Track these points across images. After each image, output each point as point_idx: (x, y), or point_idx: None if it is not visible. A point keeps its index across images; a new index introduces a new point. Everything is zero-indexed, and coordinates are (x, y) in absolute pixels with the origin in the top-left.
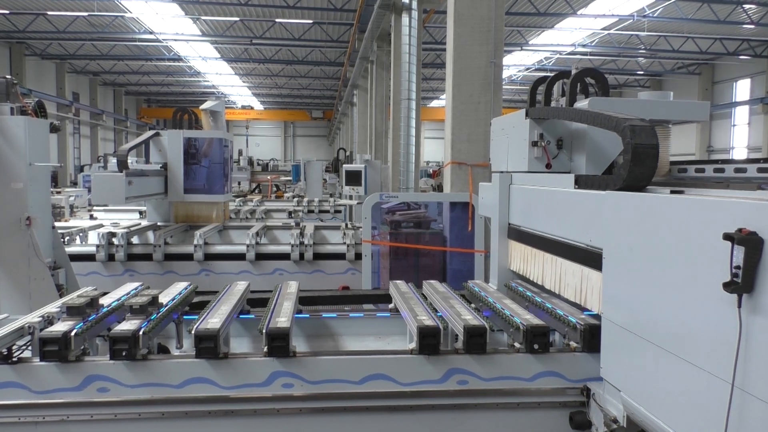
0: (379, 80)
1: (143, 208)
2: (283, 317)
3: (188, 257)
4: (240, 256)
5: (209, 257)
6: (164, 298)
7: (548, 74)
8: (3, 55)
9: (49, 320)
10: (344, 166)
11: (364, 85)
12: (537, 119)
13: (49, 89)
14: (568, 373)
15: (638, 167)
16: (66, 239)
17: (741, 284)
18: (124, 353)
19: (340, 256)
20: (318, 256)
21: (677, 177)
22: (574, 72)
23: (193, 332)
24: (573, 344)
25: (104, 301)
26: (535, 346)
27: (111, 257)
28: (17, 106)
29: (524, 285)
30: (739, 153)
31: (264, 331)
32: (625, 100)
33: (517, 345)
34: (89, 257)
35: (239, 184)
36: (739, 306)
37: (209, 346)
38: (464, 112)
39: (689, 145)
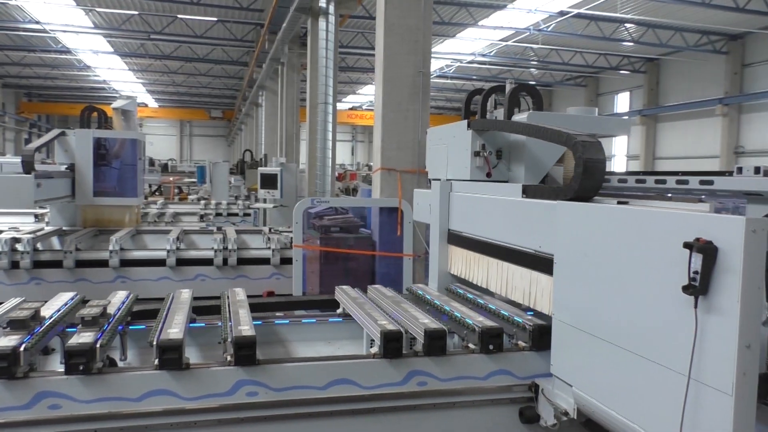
0: (290, 83)
1: (40, 211)
2: (245, 325)
3: (102, 264)
4: (160, 262)
5: (125, 263)
6: (110, 309)
7: (482, 86)
8: None
9: None
10: (259, 169)
11: (272, 87)
12: (478, 130)
13: None
14: (518, 371)
15: (588, 180)
16: None
17: (698, 287)
18: (81, 367)
19: (265, 261)
20: (242, 261)
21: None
22: (509, 87)
23: (155, 343)
24: (521, 343)
25: (45, 312)
26: (491, 347)
27: (15, 264)
28: None
29: (464, 288)
30: (619, 160)
31: (229, 340)
32: (559, 114)
33: (471, 346)
34: None
35: (149, 186)
36: (696, 306)
37: (173, 357)
38: (394, 120)
39: None
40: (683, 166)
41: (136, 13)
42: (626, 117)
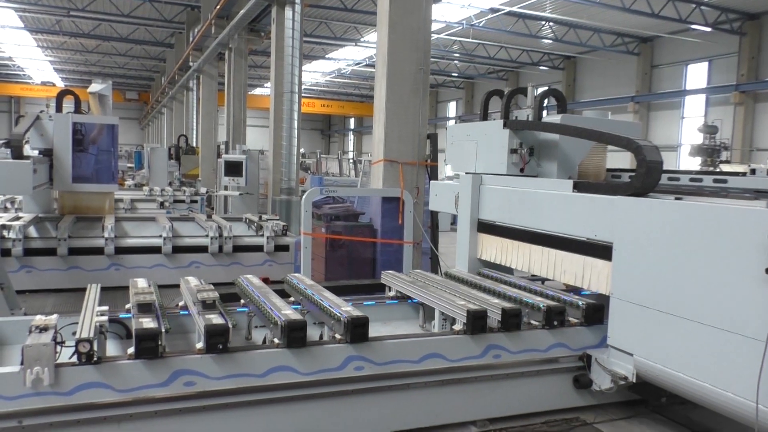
0: (237, 69)
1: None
2: (346, 306)
3: (96, 251)
4: (155, 249)
5: (119, 251)
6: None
7: (500, 88)
8: None
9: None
10: (224, 156)
11: (210, 72)
12: (514, 130)
13: None
14: (572, 344)
15: (650, 178)
16: None
17: None
18: (220, 346)
19: (258, 248)
20: (237, 249)
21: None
22: (531, 90)
23: (282, 324)
24: (572, 320)
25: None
26: (555, 323)
27: (5, 252)
28: None
29: (496, 272)
30: None
31: (342, 319)
32: (583, 117)
33: (534, 322)
34: None
35: None
36: None
37: (299, 336)
38: (396, 113)
39: None
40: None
41: None
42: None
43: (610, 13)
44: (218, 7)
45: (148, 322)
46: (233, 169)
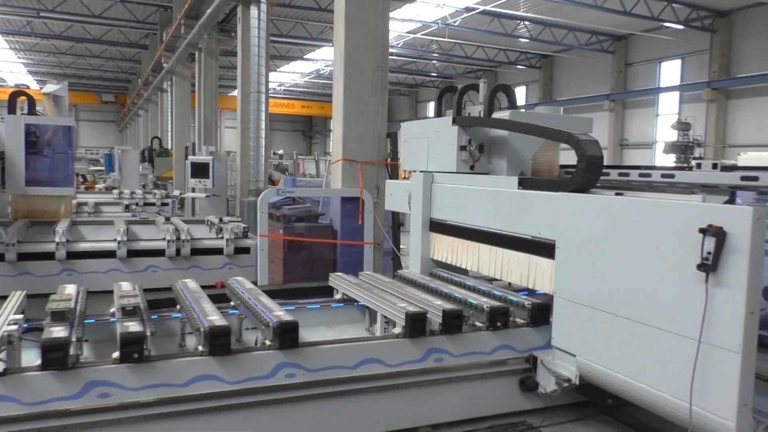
0: (208, 69)
1: None
2: (278, 311)
3: (47, 256)
4: (109, 254)
5: (72, 256)
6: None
7: (455, 84)
8: None
9: None
10: (190, 158)
11: (182, 72)
12: (463, 126)
13: None
14: (518, 345)
15: (590, 174)
16: None
17: (710, 265)
18: (135, 355)
19: (217, 251)
20: (195, 252)
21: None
22: (483, 86)
23: (204, 330)
24: (519, 320)
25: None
26: (499, 324)
27: None
28: None
29: (447, 272)
30: None
31: (271, 324)
32: (534, 113)
33: (478, 324)
34: None
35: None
36: (707, 281)
37: (223, 343)
38: (355, 112)
39: None
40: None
41: None
42: (588, 117)
43: (585, 11)
44: (186, 6)
45: (58, 331)
46: (200, 170)
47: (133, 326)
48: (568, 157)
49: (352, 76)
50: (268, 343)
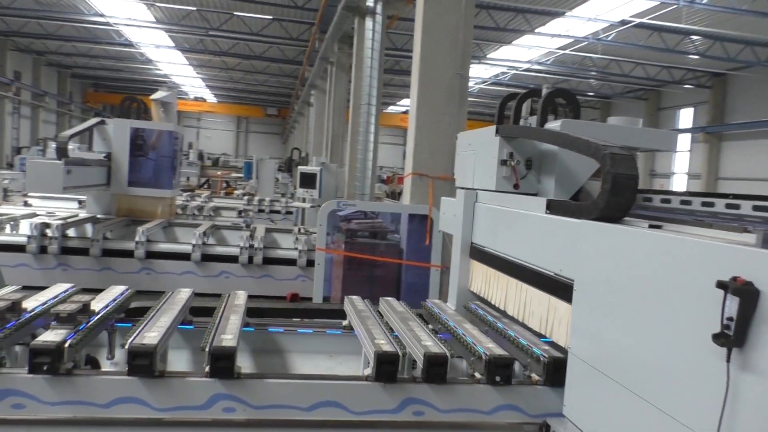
0: (338, 82)
1: (83, 197)
2: (228, 334)
3: (128, 254)
4: (185, 256)
5: (151, 255)
6: (98, 304)
7: (518, 91)
8: None
9: None
10: (299, 168)
11: (322, 86)
12: (507, 137)
13: None
14: (528, 408)
15: (617, 197)
16: None
17: (732, 337)
18: (45, 367)
19: (291, 262)
20: (268, 261)
21: (642, 206)
22: (545, 91)
23: (126, 347)
24: (535, 377)
25: (29, 304)
26: (497, 378)
27: (43, 249)
28: None
29: (484, 308)
30: (680, 179)
31: (207, 349)
32: (596, 124)
33: (477, 375)
34: (19, 248)
35: (188, 179)
36: (728, 360)
37: (143, 364)
38: (428, 123)
39: None
40: (747, 189)
41: (195, 9)
42: (674, 131)
43: (764, 22)
44: (317, 21)
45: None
46: (307, 180)
47: (54, 336)
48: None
49: (427, 83)
50: (206, 369)
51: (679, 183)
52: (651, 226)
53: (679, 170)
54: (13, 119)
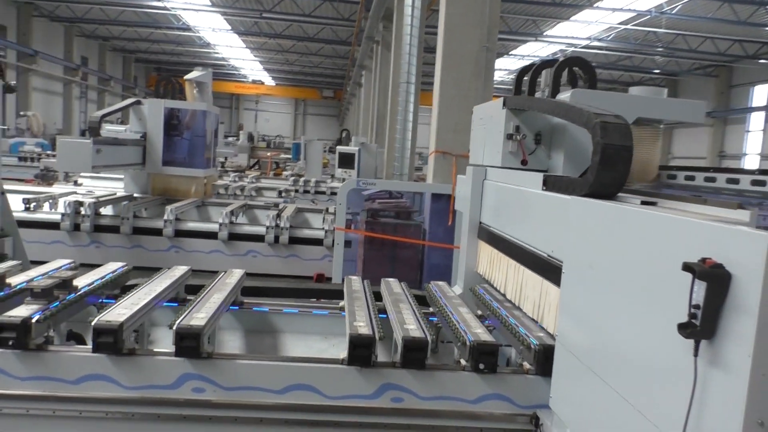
0: (383, 61)
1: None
2: (202, 314)
3: (158, 232)
4: (212, 235)
5: (180, 234)
6: (85, 280)
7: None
8: (10, 14)
9: None
10: (338, 147)
11: (369, 66)
12: (514, 110)
13: (57, 52)
14: (518, 398)
15: (607, 171)
16: (32, 205)
17: (699, 328)
18: (11, 342)
19: (318, 242)
20: (294, 240)
21: (666, 183)
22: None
23: (93, 324)
24: (526, 365)
25: (15, 280)
26: (481, 366)
27: (77, 227)
28: None
29: (491, 291)
30: (752, 160)
31: (174, 328)
32: (612, 94)
33: (462, 362)
34: (54, 225)
35: (225, 159)
36: (696, 354)
37: (108, 341)
38: (452, 98)
39: (700, 149)
40: None
41: None
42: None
43: None
44: (362, 0)
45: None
46: (346, 160)
47: (22, 311)
48: None
49: (452, 57)
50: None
51: (751, 164)
52: (643, 203)
53: (752, 151)
54: (80, 103)
